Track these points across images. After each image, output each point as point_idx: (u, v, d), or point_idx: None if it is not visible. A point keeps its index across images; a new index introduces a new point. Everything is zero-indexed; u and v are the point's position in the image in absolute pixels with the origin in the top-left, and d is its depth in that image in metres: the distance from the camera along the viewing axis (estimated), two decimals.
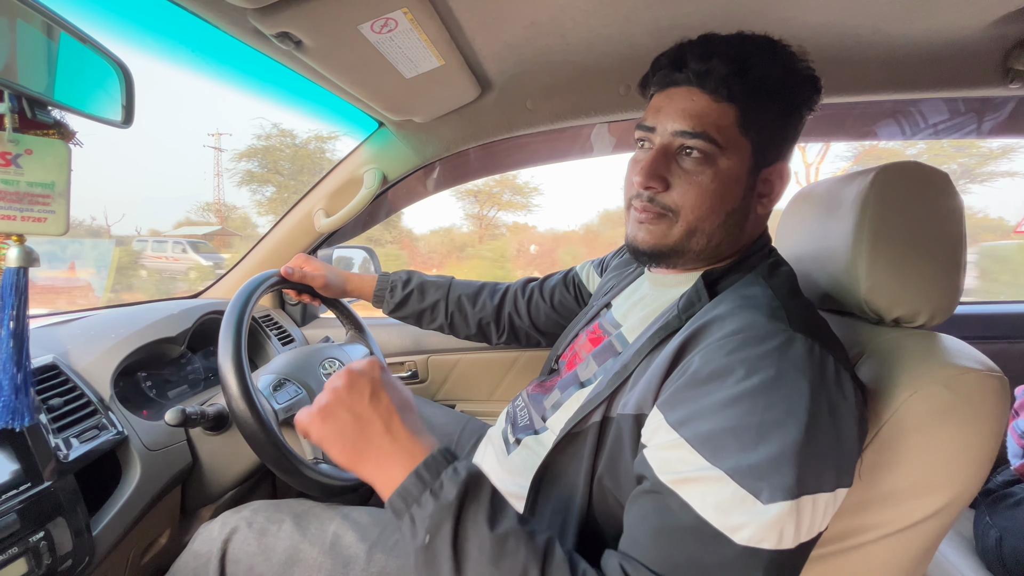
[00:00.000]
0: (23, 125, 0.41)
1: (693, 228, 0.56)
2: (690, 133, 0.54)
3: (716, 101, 0.54)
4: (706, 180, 0.55)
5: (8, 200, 0.39)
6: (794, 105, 0.56)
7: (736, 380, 0.45)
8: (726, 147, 0.54)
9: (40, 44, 0.45)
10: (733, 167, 0.55)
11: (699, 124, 0.54)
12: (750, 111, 0.54)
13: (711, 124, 0.54)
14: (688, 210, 0.56)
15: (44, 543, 0.57)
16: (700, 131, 0.53)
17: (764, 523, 0.40)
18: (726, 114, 0.54)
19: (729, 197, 0.55)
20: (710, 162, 0.54)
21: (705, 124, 0.54)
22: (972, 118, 1.09)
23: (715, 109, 0.54)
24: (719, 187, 0.55)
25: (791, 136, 0.58)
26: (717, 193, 0.55)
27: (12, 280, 0.41)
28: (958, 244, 0.55)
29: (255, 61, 0.78)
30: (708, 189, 0.55)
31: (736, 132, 0.54)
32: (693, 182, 0.55)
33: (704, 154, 0.54)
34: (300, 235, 1.20)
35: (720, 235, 0.57)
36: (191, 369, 1.00)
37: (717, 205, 0.55)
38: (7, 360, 0.42)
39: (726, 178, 0.55)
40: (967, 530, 0.93)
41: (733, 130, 0.54)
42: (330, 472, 0.74)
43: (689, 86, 0.55)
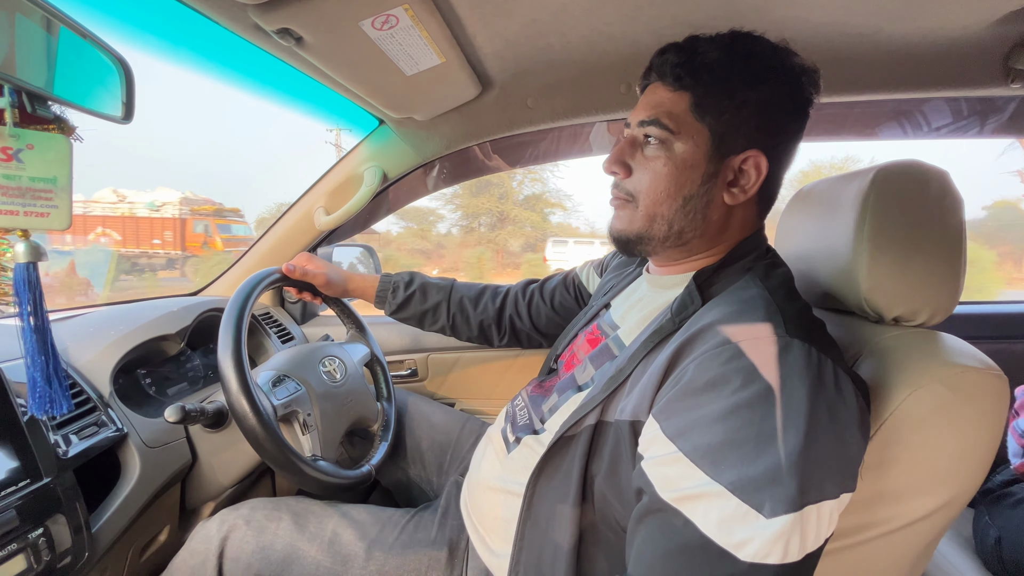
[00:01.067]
0: (24, 120, 0.41)
1: (651, 213, 0.59)
2: (647, 121, 0.58)
3: (672, 90, 0.57)
4: (659, 165, 0.57)
5: (10, 195, 0.39)
6: (763, 94, 0.55)
7: (733, 390, 0.44)
8: (679, 132, 0.56)
9: (40, 39, 0.45)
10: (688, 152, 0.56)
11: (655, 112, 0.57)
12: (703, 97, 0.56)
13: (664, 111, 0.57)
14: (644, 194, 0.59)
15: (43, 540, 0.57)
16: (654, 118, 0.57)
17: (768, 538, 0.39)
18: (679, 101, 0.56)
19: (685, 182, 0.57)
20: (665, 147, 0.57)
21: (660, 112, 0.57)
22: (974, 119, 1.09)
23: (670, 97, 0.57)
24: (672, 171, 0.57)
25: (768, 125, 0.56)
26: (671, 176, 0.57)
27: (24, 275, 0.41)
28: (958, 243, 0.55)
29: (256, 59, 0.78)
30: (661, 173, 0.57)
31: (690, 118, 0.56)
32: (648, 167, 0.58)
33: (659, 140, 0.57)
34: (300, 233, 1.19)
35: (681, 220, 0.58)
36: (190, 367, 1.00)
37: (672, 189, 0.57)
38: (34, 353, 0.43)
39: (680, 162, 0.57)
40: (966, 529, 0.94)
41: (687, 116, 0.56)
42: (328, 469, 0.74)
43: (655, 82, 0.59)
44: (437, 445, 0.98)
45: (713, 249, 0.61)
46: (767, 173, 0.57)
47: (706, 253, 0.61)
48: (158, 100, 33.47)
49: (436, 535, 0.72)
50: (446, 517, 0.76)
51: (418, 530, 0.73)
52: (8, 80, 0.39)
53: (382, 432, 0.93)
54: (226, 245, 13.36)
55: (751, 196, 0.58)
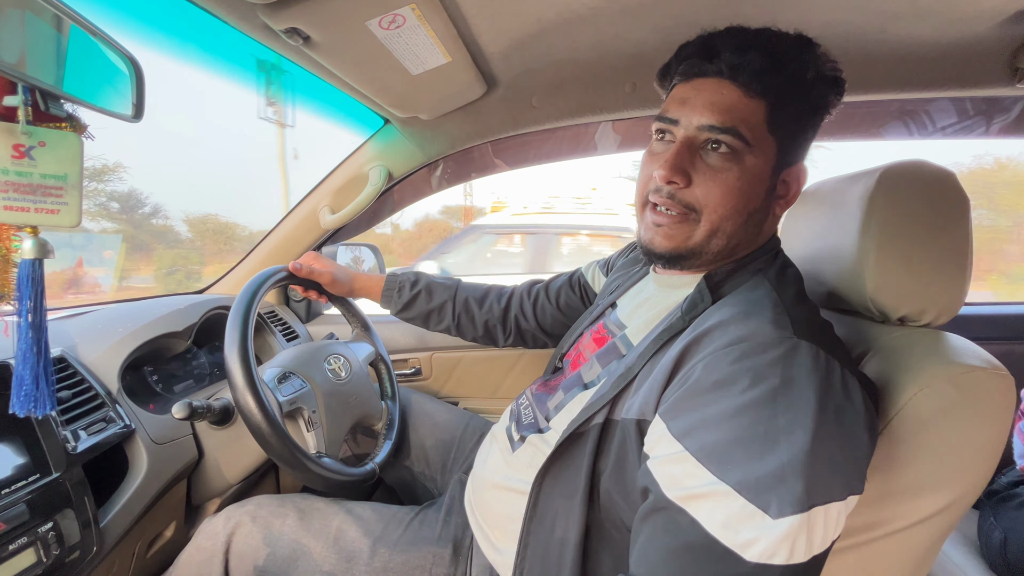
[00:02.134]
0: (36, 118, 0.41)
1: (715, 228, 0.54)
2: (719, 128, 0.52)
3: (748, 96, 0.52)
4: (732, 178, 0.53)
5: (22, 192, 0.40)
6: (819, 106, 0.55)
7: (741, 390, 0.44)
8: (754, 144, 0.52)
9: (51, 37, 0.46)
10: (759, 165, 0.53)
11: (729, 119, 0.52)
12: (779, 109, 0.53)
13: (741, 120, 0.52)
14: (712, 209, 0.54)
15: (52, 534, 0.57)
16: (730, 126, 0.52)
17: (774, 538, 0.39)
18: (757, 110, 0.52)
19: (753, 197, 0.54)
20: (737, 159, 0.52)
21: (735, 119, 0.52)
22: (980, 119, 1.09)
23: (746, 104, 0.52)
24: (744, 186, 0.53)
25: (811, 137, 0.57)
26: (742, 192, 0.53)
27: (28, 272, 0.42)
28: (964, 243, 0.55)
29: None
30: (734, 187, 0.53)
31: (764, 130, 0.53)
32: (718, 179, 0.53)
33: (732, 150, 0.52)
34: (305, 232, 1.20)
35: (740, 236, 0.56)
36: (196, 364, 1.01)
37: (741, 205, 0.53)
38: (27, 350, 0.43)
39: (752, 177, 0.53)
40: (971, 531, 0.93)
41: (762, 127, 0.52)
42: (332, 466, 0.74)
43: (720, 78, 0.53)
44: (441, 443, 0.99)
45: (740, 254, 0.60)
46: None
47: (730, 258, 0.60)
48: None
49: (440, 532, 0.73)
50: (450, 515, 0.76)
51: (422, 527, 0.74)
52: (22, 78, 0.40)
53: (386, 430, 0.94)
54: None
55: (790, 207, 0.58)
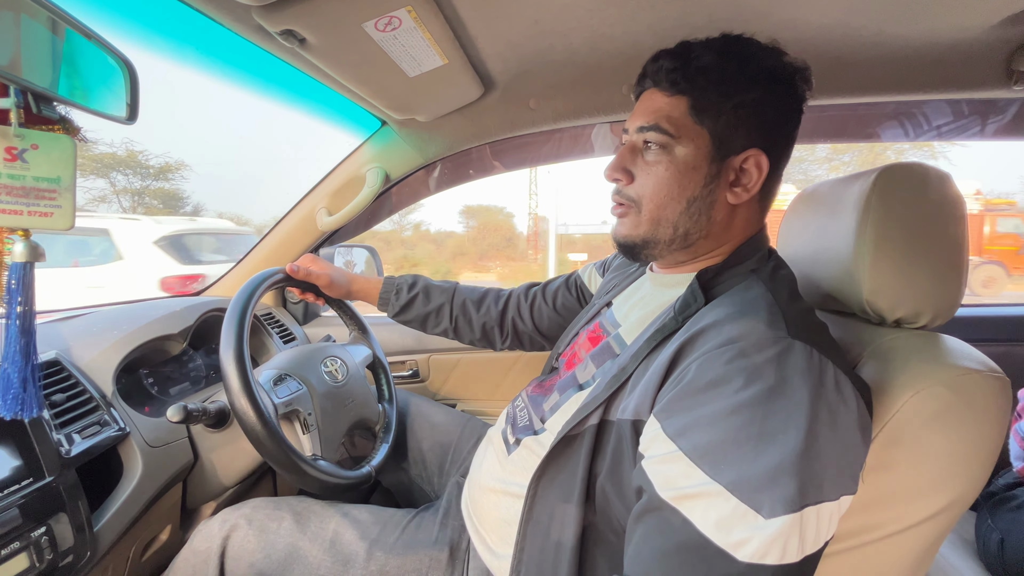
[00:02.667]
0: (28, 120, 0.41)
1: (656, 217, 0.59)
2: (646, 127, 0.58)
3: (668, 95, 0.58)
4: (661, 169, 0.58)
5: (14, 195, 0.39)
6: (759, 94, 0.56)
7: (734, 390, 0.44)
8: (679, 136, 0.57)
9: (45, 39, 0.45)
10: (689, 155, 0.57)
11: (653, 118, 0.58)
12: (700, 100, 0.56)
13: (663, 116, 0.57)
14: (647, 199, 0.59)
15: (45, 538, 0.57)
16: (653, 123, 0.58)
17: (766, 538, 0.39)
18: (677, 105, 0.57)
19: (688, 184, 0.58)
20: (666, 151, 0.58)
21: (658, 117, 0.58)
22: (975, 120, 1.09)
23: (667, 102, 0.58)
24: (675, 174, 0.58)
25: (766, 124, 0.57)
26: (674, 180, 0.58)
27: (19, 275, 0.41)
28: (960, 245, 0.55)
29: (258, 60, 0.78)
30: (663, 177, 0.58)
31: (689, 121, 0.57)
32: (651, 172, 0.59)
33: (659, 145, 0.58)
34: (302, 234, 1.20)
35: (685, 223, 0.59)
36: (192, 367, 1.01)
37: (675, 192, 0.58)
38: (16, 353, 0.43)
39: (682, 165, 0.57)
40: (968, 533, 0.93)
41: (685, 119, 0.57)
42: (329, 469, 0.74)
43: (650, 88, 0.60)
44: (438, 446, 0.98)
45: (718, 249, 0.61)
46: (768, 171, 0.57)
47: (711, 253, 0.62)
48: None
49: (437, 536, 0.72)
50: (447, 518, 0.76)
51: (419, 531, 0.73)
52: (13, 80, 0.39)
53: (383, 433, 0.93)
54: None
55: (753, 195, 0.58)
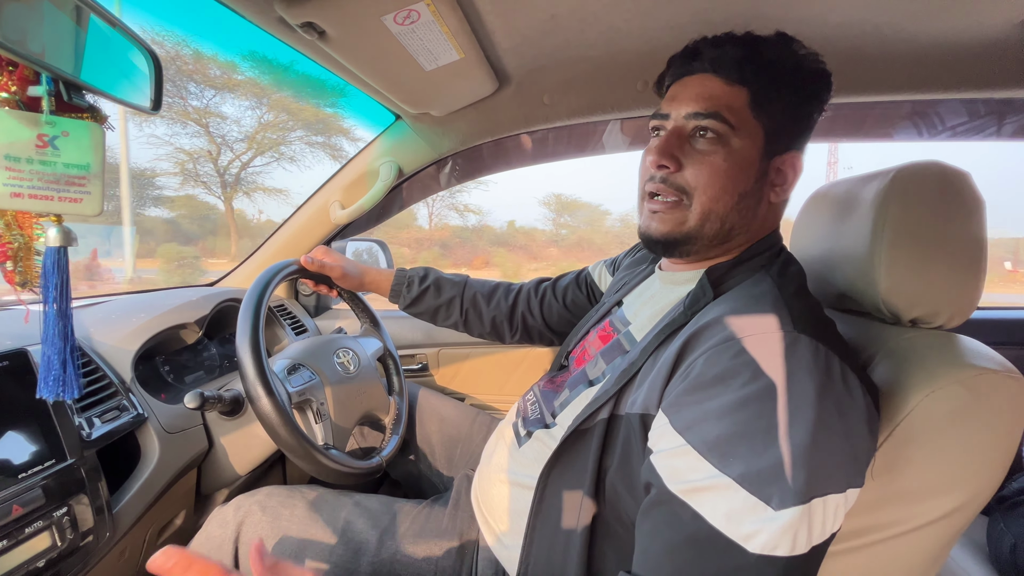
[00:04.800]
0: (59, 108, 0.42)
1: (707, 210, 0.57)
2: (703, 114, 0.55)
3: (729, 84, 0.55)
4: (719, 160, 0.55)
5: (46, 181, 0.40)
6: (805, 96, 0.57)
7: (741, 384, 0.45)
8: (738, 128, 0.55)
9: (71, 28, 0.46)
10: (746, 148, 0.56)
11: (712, 105, 0.55)
12: (762, 94, 0.55)
13: (724, 105, 0.55)
14: (701, 190, 0.56)
15: (67, 518, 0.58)
16: (713, 111, 0.55)
17: (776, 529, 0.40)
18: (739, 96, 0.55)
19: (742, 179, 0.56)
20: (723, 142, 0.55)
21: (718, 105, 0.55)
22: (991, 120, 1.07)
23: (728, 91, 0.55)
24: (732, 167, 0.56)
25: (803, 128, 0.58)
26: (730, 173, 0.56)
27: (54, 259, 0.42)
28: (979, 245, 0.55)
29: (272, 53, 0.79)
30: (721, 169, 0.55)
31: (748, 114, 0.55)
32: (706, 162, 0.56)
33: (717, 134, 0.55)
34: (315, 226, 1.21)
35: (733, 219, 0.58)
36: (207, 355, 1.02)
37: (730, 185, 0.56)
38: (55, 335, 0.44)
39: (739, 159, 0.56)
40: (981, 537, 0.92)
41: (746, 112, 0.55)
42: (340, 458, 0.75)
43: (703, 73, 0.57)
44: (447, 439, 0.99)
45: (739, 242, 0.61)
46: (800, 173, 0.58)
47: (732, 251, 0.62)
48: None
49: (447, 526, 0.73)
50: (457, 509, 0.76)
51: (429, 521, 0.74)
52: (46, 68, 0.40)
53: (393, 425, 0.94)
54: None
55: (788, 195, 0.59)
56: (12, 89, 0.39)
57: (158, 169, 15.67)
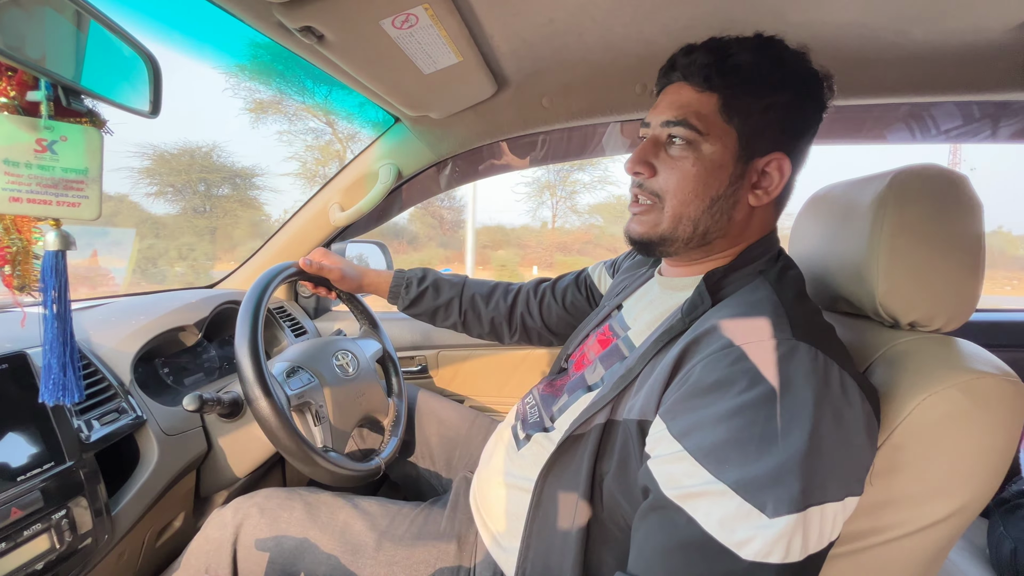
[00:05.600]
0: (58, 113, 0.42)
1: (678, 213, 0.58)
2: (673, 122, 0.57)
3: (699, 91, 0.57)
4: (687, 165, 0.57)
5: (44, 185, 0.40)
6: (788, 97, 0.56)
7: (739, 391, 0.45)
8: (708, 133, 0.56)
9: (71, 33, 0.47)
10: (716, 153, 0.56)
11: (681, 112, 0.57)
12: (731, 98, 0.56)
13: (692, 112, 0.56)
14: (671, 194, 0.58)
15: (66, 521, 0.58)
16: (681, 118, 0.57)
17: (770, 537, 0.40)
18: (708, 102, 0.56)
19: (712, 182, 0.57)
20: (693, 148, 0.57)
21: (687, 112, 0.57)
22: (987, 123, 1.07)
23: (697, 98, 0.57)
24: (701, 171, 0.57)
25: (790, 129, 0.57)
26: (699, 177, 0.57)
27: (52, 263, 0.43)
28: (977, 248, 0.55)
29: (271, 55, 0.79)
30: (689, 173, 0.57)
31: (719, 119, 0.56)
32: (676, 167, 0.58)
33: (686, 140, 0.57)
34: (315, 229, 1.21)
35: (706, 221, 0.58)
36: (207, 357, 1.02)
37: (700, 189, 0.57)
38: (54, 339, 0.44)
39: (708, 163, 0.57)
40: (980, 540, 0.92)
41: (715, 117, 0.56)
42: (339, 461, 0.75)
43: (678, 82, 0.59)
44: (446, 441, 0.99)
45: (729, 250, 0.61)
46: (788, 175, 0.57)
47: (723, 253, 0.62)
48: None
49: (445, 528, 0.73)
50: (455, 511, 0.77)
51: (428, 523, 0.74)
52: (45, 73, 0.41)
53: (392, 427, 0.94)
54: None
55: (773, 198, 0.58)
56: (11, 94, 0.40)
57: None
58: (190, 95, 26.88)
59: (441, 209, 18.08)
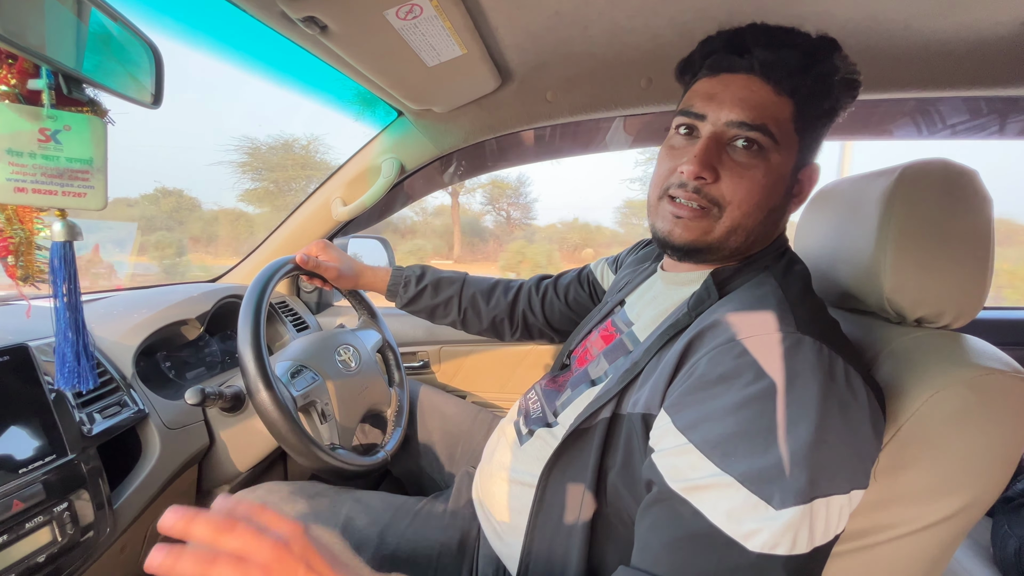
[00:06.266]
0: (60, 102, 0.42)
1: (736, 225, 0.54)
2: (749, 125, 0.52)
3: (777, 94, 0.52)
4: (759, 175, 0.53)
5: (49, 175, 0.40)
6: (839, 107, 0.56)
7: (744, 384, 0.45)
8: (780, 142, 0.52)
9: (72, 21, 0.46)
10: (783, 163, 0.53)
11: (760, 116, 0.52)
12: (805, 108, 0.53)
13: (771, 117, 0.52)
14: (736, 205, 0.54)
15: (67, 514, 0.58)
16: (761, 123, 0.51)
17: (777, 529, 0.40)
18: (785, 108, 0.52)
19: (775, 194, 0.54)
20: (764, 156, 0.53)
21: (766, 116, 0.52)
22: (994, 119, 1.06)
23: (775, 102, 0.52)
24: (769, 183, 0.53)
25: (824, 137, 0.58)
26: (766, 189, 0.53)
27: (60, 253, 0.42)
28: (986, 244, 0.54)
29: (276, 50, 0.78)
30: (759, 184, 0.53)
31: (791, 127, 0.53)
32: (745, 176, 0.53)
33: (760, 147, 0.52)
34: (317, 223, 1.21)
35: (758, 233, 0.56)
36: (208, 352, 1.02)
37: (763, 201, 0.54)
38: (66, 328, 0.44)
39: (776, 174, 0.53)
40: (984, 538, 0.92)
41: (788, 126, 0.53)
42: (347, 457, 0.75)
43: (750, 74, 0.53)
44: (448, 436, 0.99)
45: (753, 251, 0.60)
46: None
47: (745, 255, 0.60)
48: None
49: (448, 523, 0.73)
50: (458, 506, 0.76)
51: (430, 518, 0.74)
52: (47, 61, 0.40)
53: (396, 418, 0.94)
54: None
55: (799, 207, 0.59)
56: (11, 82, 0.39)
57: None
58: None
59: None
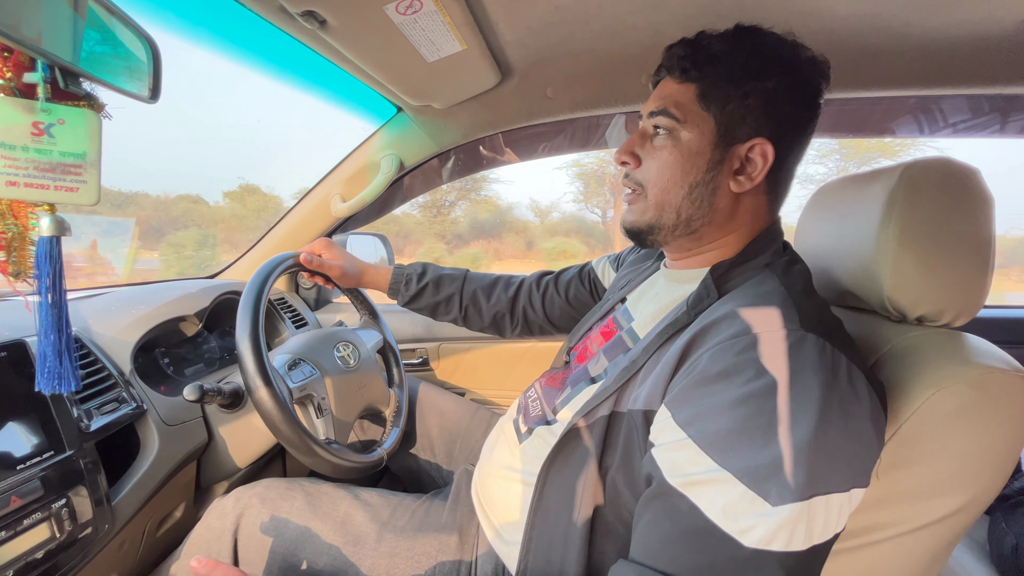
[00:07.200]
0: (55, 95, 0.41)
1: (660, 201, 0.60)
2: (655, 112, 0.60)
3: (679, 82, 0.59)
4: (666, 153, 0.59)
5: (41, 170, 0.40)
6: (768, 83, 0.55)
7: (745, 380, 0.44)
8: (685, 121, 0.58)
9: (69, 14, 0.46)
10: (693, 140, 0.58)
11: (662, 103, 0.59)
12: (708, 87, 0.57)
13: (672, 102, 0.59)
14: (652, 182, 0.60)
15: (66, 510, 0.58)
16: (661, 108, 0.59)
17: (773, 525, 0.40)
18: (686, 91, 0.58)
19: (690, 168, 0.58)
20: (672, 136, 0.59)
21: (668, 102, 0.59)
22: (995, 117, 1.06)
23: (677, 89, 0.59)
24: (679, 159, 0.58)
25: (776, 115, 0.57)
26: (677, 164, 0.58)
27: (46, 249, 0.42)
28: (987, 242, 0.54)
29: (275, 44, 0.78)
30: (667, 161, 0.59)
31: (696, 107, 0.58)
32: (657, 156, 0.60)
33: (667, 130, 0.59)
34: (316, 219, 1.20)
35: (688, 208, 0.59)
36: (207, 348, 1.02)
37: (678, 176, 0.59)
38: (48, 327, 0.43)
39: (686, 150, 0.58)
40: (982, 536, 0.92)
41: (693, 105, 0.58)
42: (342, 453, 0.75)
43: (665, 77, 0.62)
44: (447, 433, 0.99)
45: (725, 239, 0.61)
46: (773, 161, 0.57)
47: (719, 243, 0.61)
48: None
49: (446, 520, 0.73)
50: (456, 503, 0.76)
51: (429, 515, 0.74)
52: (42, 54, 0.40)
53: (394, 417, 0.94)
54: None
55: (758, 184, 0.58)
56: (7, 75, 0.39)
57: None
58: None
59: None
